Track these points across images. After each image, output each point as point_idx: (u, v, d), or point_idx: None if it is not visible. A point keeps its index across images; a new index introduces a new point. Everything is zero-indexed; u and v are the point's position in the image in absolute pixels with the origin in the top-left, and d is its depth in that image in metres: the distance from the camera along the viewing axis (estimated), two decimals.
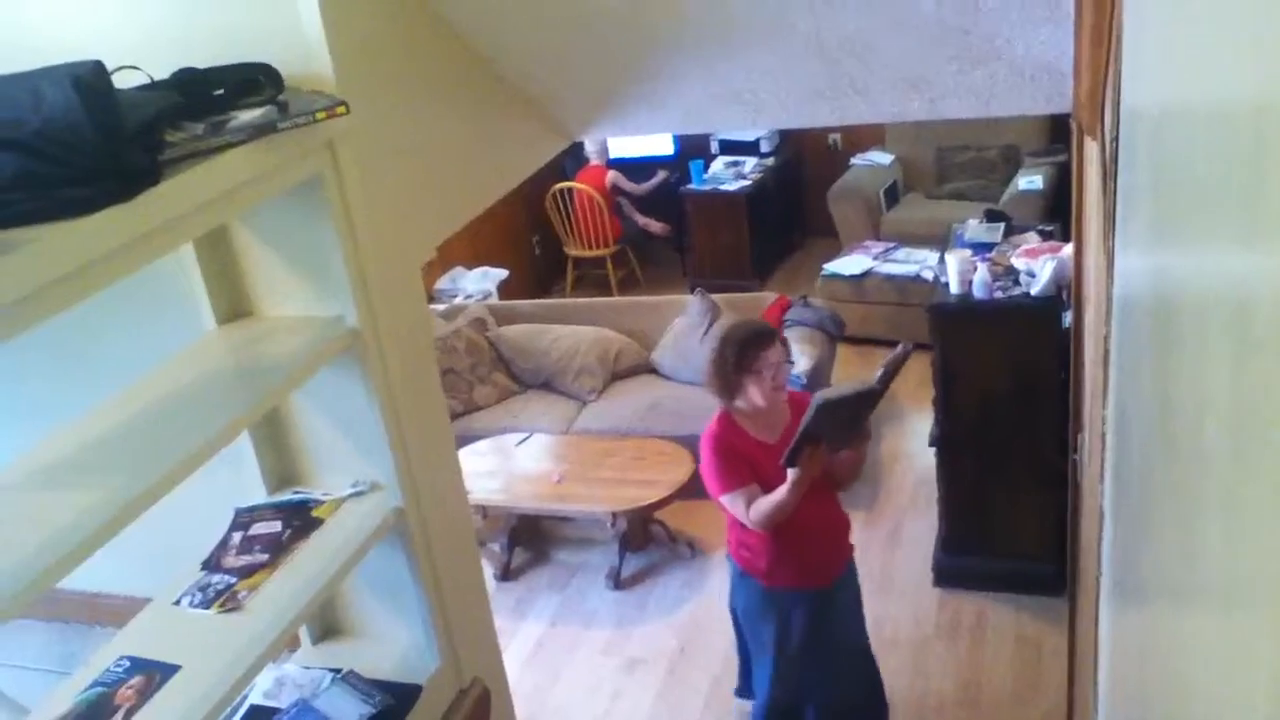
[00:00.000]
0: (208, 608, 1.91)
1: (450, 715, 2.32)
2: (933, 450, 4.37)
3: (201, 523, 2.10)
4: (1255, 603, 0.50)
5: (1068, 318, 3.72)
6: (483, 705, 2.43)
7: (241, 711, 2.13)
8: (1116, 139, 1.55)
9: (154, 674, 1.80)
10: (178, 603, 1.94)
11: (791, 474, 2.86)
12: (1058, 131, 6.70)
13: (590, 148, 7.63)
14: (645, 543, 5.07)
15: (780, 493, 2.91)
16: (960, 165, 7.20)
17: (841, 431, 2.93)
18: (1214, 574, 0.63)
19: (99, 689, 1.79)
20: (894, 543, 4.86)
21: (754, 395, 3.03)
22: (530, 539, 5.17)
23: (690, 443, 5.04)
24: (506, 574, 4.97)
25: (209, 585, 1.96)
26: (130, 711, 1.73)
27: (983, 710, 3.89)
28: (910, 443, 5.56)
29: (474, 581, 2.54)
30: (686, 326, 5.74)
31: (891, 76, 2.44)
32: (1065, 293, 3.90)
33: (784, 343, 3.08)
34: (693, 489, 4.82)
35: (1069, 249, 3.65)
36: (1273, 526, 0.46)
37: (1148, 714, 1.06)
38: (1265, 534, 0.47)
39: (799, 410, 2.97)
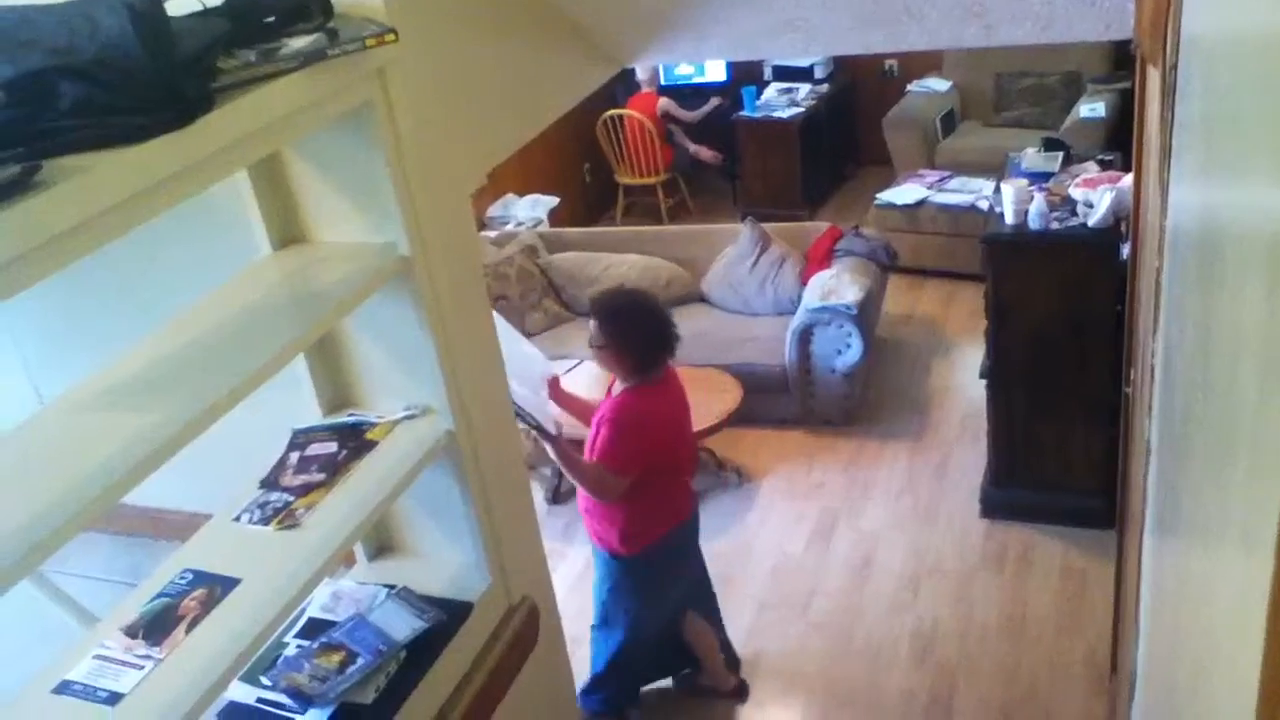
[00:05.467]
0: (266, 524, 1.97)
1: (499, 632, 2.38)
2: (983, 382, 4.34)
3: (260, 443, 2.16)
4: (1267, 540, 0.51)
5: (1126, 250, 3.65)
6: (531, 623, 2.50)
7: (300, 624, 2.21)
8: (1176, 67, 1.52)
9: (215, 586, 1.87)
10: (238, 519, 2.00)
11: None
12: (1122, 57, 6.50)
13: (642, 74, 7.55)
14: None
15: None
16: (1020, 92, 7.03)
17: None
18: (1237, 510, 0.64)
19: (163, 600, 1.86)
20: (941, 473, 4.87)
21: None
22: None
23: (738, 371, 5.07)
24: (556, 497, 5.06)
25: (267, 503, 2.02)
26: (193, 622, 1.80)
27: (1026, 641, 3.92)
28: (960, 375, 5.53)
29: (523, 503, 2.59)
30: (737, 256, 5.72)
31: (947, 2, 2.39)
32: (1124, 224, 3.82)
33: (600, 326, 3.19)
34: (740, 417, 4.85)
35: (1128, 179, 3.57)
36: None
37: (1179, 647, 1.08)
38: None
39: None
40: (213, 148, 1.52)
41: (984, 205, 5.78)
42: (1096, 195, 3.96)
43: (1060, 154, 4.53)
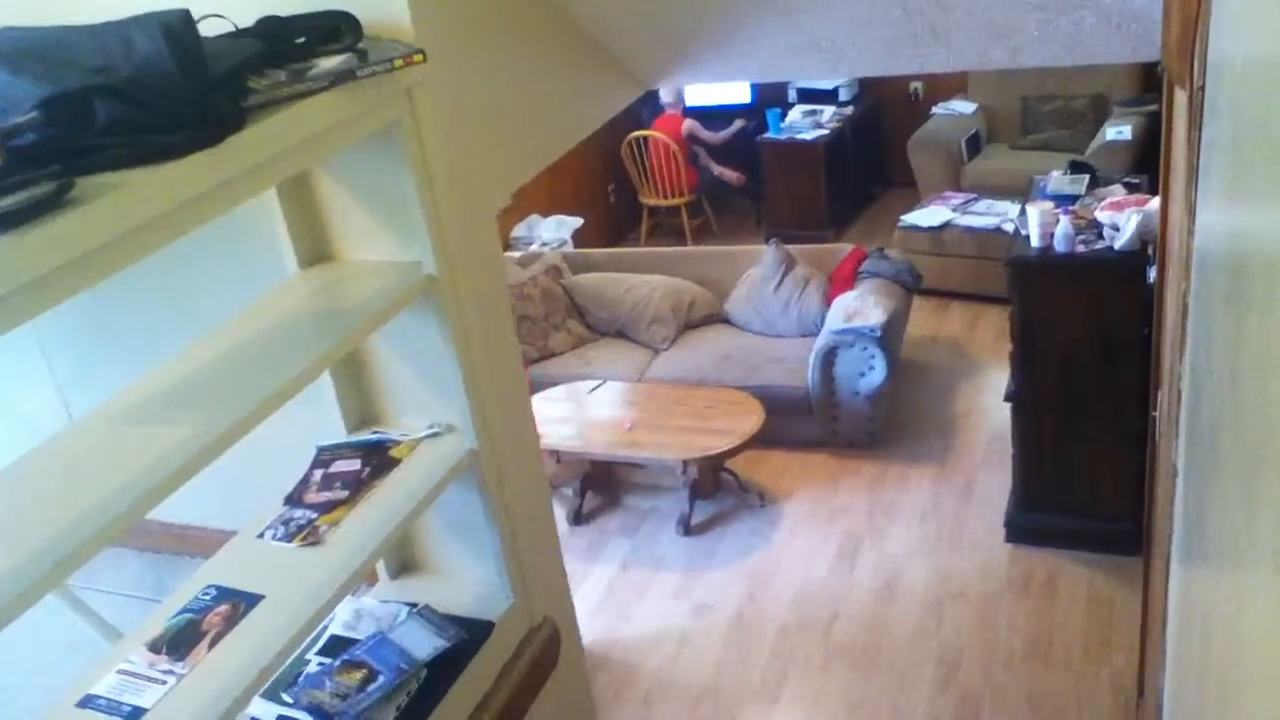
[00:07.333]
0: (290, 541, 1.98)
1: (521, 652, 2.38)
2: (1008, 406, 4.32)
3: (285, 460, 2.17)
4: None
5: (1153, 273, 3.63)
6: (553, 644, 2.49)
7: (322, 641, 2.22)
8: (1203, 89, 1.51)
9: (239, 603, 1.87)
10: (261, 536, 2.01)
11: None
12: (1150, 80, 6.49)
13: (666, 96, 7.58)
14: (715, 490, 5.10)
15: None
16: (1046, 115, 7.02)
17: None
18: (1266, 533, 0.64)
19: (188, 615, 1.87)
20: (966, 497, 4.84)
21: None
22: (602, 484, 5.24)
23: (761, 393, 5.06)
24: (579, 518, 5.05)
25: (291, 520, 2.03)
26: (217, 637, 1.81)
27: (1051, 666, 3.88)
28: (985, 398, 5.50)
29: (546, 523, 2.59)
30: (761, 277, 5.72)
31: (973, 24, 2.39)
32: (1151, 247, 3.80)
33: None
34: (763, 439, 4.84)
35: (1155, 202, 3.56)
36: None
37: (1206, 672, 1.06)
38: None
39: None
40: (244, 166, 1.54)
41: (1009, 228, 5.76)
42: (1123, 218, 3.94)
43: (1086, 177, 4.51)
